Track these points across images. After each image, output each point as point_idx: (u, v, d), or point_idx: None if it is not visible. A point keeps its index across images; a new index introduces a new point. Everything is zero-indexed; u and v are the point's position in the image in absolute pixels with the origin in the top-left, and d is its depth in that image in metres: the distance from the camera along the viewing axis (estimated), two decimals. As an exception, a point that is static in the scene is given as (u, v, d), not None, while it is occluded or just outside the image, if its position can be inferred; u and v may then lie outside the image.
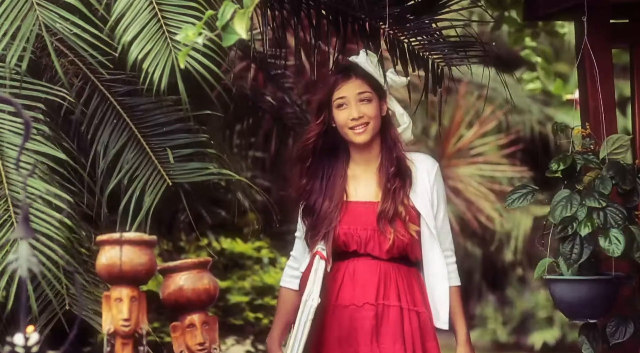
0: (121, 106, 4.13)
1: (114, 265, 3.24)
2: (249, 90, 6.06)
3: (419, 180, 3.95)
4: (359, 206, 3.95)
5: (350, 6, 4.66)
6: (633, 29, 4.50)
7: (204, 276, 3.40)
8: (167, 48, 3.73)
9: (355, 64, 4.00)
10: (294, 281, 4.05)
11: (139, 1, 3.79)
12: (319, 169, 3.99)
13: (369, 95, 3.96)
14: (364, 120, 3.93)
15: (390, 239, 3.88)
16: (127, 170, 4.05)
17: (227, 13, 3.11)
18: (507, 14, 5.96)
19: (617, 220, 3.80)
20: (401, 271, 3.93)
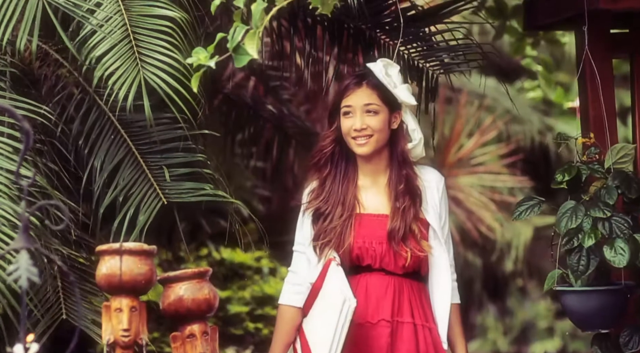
0: (119, 121, 4.13)
1: (114, 275, 3.24)
2: (249, 99, 6.06)
3: (429, 195, 3.86)
4: (372, 219, 3.85)
5: (348, 16, 4.67)
6: (633, 39, 4.50)
7: (204, 286, 3.39)
8: (135, 67, 3.74)
9: (370, 72, 3.86)
10: (295, 298, 3.88)
11: (114, 19, 3.81)
12: (332, 176, 3.87)
13: (376, 107, 3.84)
14: (367, 132, 3.82)
15: (407, 257, 3.78)
16: (123, 187, 4.03)
17: (237, 34, 3.12)
18: (508, 23, 5.96)
19: (623, 230, 3.79)
20: (413, 286, 3.85)
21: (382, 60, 3.87)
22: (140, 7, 3.88)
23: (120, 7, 3.84)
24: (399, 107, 3.86)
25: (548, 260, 3.88)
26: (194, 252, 7.09)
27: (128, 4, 3.87)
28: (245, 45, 3.13)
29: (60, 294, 3.97)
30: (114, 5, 3.85)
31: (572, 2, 4.27)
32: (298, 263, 3.91)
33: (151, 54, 3.80)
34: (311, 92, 7.14)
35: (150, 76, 3.77)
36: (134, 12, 3.86)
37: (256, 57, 3.15)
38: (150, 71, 3.78)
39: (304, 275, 3.87)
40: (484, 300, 10.93)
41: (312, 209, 3.86)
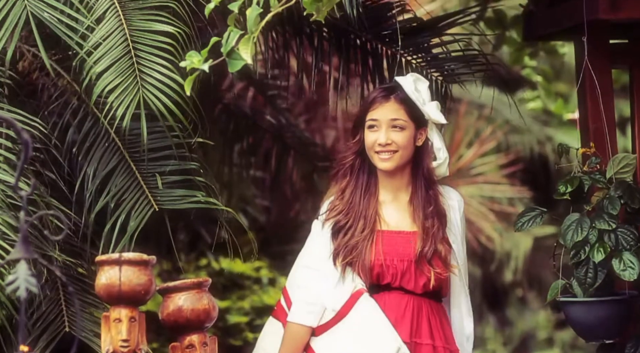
0: (113, 129, 4.13)
1: (113, 285, 3.24)
2: (248, 109, 6.06)
3: (452, 215, 3.76)
4: (394, 235, 3.71)
5: (351, 26, 4.67)
6: (632, 50, 4.51)
7: (203, 297, 3.39)
8: (135, 85, 3.74)
9: (398, 86, 3.73)
10: (309, 317, 3.68)
11: (115, 35, 3.82)
12: (353, 188, 3.73)
13: (402, 123, 3.70)
14: (391, 147, 3.68)
15: (431, 277, 3.66)
16: (115, 193, 4.03)
17: (232, 39, 3.11)
18: (507, 33, 5.97)
19: (629, 242, 3.78)
20: (432, 307, 3.71)
21: (411, 75, 3.75)
22: (141, 22, 3.87)
23: (122, 22, 3.84)
24: (426, 123, 3.74)
25: (548, 270, 3.86)
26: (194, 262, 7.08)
27: (129, 19, 3.87)
28: (240, 50, 3.12)
29: (62, 306, 3.97)
30: (116, 20, 3.85)
31: (571, 12, 4.27)
32: (311, 280, 3.70)
33: (151, 73, 3.79)
34: (311, 103, 7.14)
35: (149, 94, 3.76)
36: (135, 28, 3.86)
37: (250, 63, 3.14)
38: (149, 89, 3.77)
39: (317, 293, 3.68)
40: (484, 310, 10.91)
41: (332, 222, 3.71)
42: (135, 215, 3.96)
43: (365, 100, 3.79)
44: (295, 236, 7.98)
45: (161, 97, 3.76)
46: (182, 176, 4.05)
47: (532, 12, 4.65)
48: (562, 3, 4.45)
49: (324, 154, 6.60)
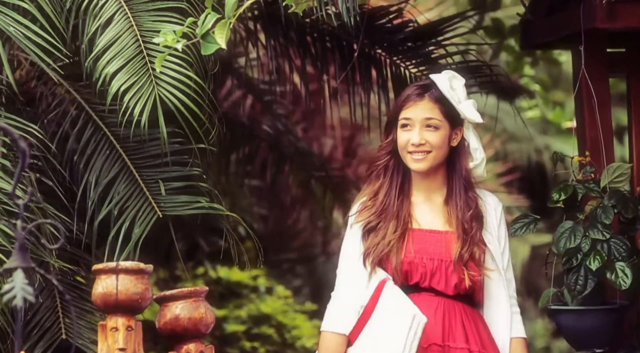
0: (115, 136, 4.13)
1: (110, 294, 3.23)
2: (245, 118, 6.07)
3: (488, 219, 3.62)
4: (425, 234, 3.59)
5: (348, 34, 4.68)
6: (630, 58, 4.51)
7: (201, 305, 3.38)
8: (150, 83, 3.73)
9: (433, 84, 3.58)
10: (342, 323, 3.52)
11: (125, 37, 3.82)
12: (387, 189, 3.60)
13: (437, 122, 3.56)
14: (425, 148, 3.55)
15: (465, 279, 3.51)
16: (118, 201, 4.02)
17: (208, 22, 3.11)
18: (505, 42, 5.98)
19: (622, 252, 3.80)
20: (466, 310, 3.55)
21: (447, 72, 3.61)
22: (151, 23, 3.87)
23: (131, 24, 3.84)
24: (461, 123, 3.60)
25: (545, 278, 3.86)
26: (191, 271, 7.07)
27: (139, 21, 3.87)
28: (215, 34, 3.11)
29: (59, 314, 3.96)
30: (125, 22, 3.85)
31: (568, 21, 4.28)
32: (341, 286, 3.56)
33: (165, 71, 3.78)
34: (308, 111, 7.14)
35: (164, 92, 3.74)
36: (145, 29, 3.86)
37: (224, 47, 3.12)
38: (164, 87, 3.75)
39: (348, 299, 3.53)
40: (481, 319, 10.86)
41: (363, 223, 3.58)
42: (139, 222, 3.96)
43: (399, 98, 3.64)
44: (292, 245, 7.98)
45: (177, 93, 3.74)
46: (185, 183, 4.05)
47: (530, 21, 4.65)
48: (560, 12, 4.45)
49: (321, 163, 6.60)
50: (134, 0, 3.89)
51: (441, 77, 3.58)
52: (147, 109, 3.68)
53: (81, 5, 3.91)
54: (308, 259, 7.96)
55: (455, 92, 3.57)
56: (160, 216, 3.95)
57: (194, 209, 3.98)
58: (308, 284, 7.95)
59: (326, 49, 4.84)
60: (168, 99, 3.72)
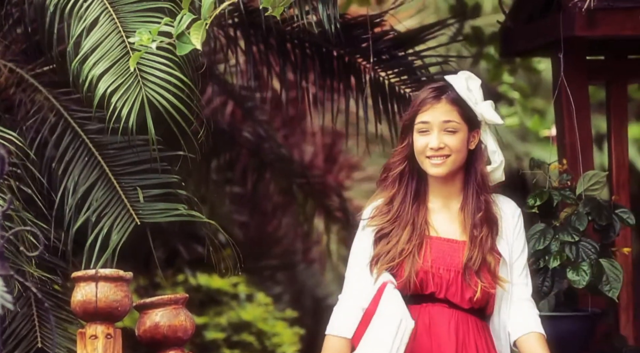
0: (93, 143, 4.12)
1: (90, 302, 3.22)
2: (226, 125, 6.06)
3: (504, 225, 3.48)
4: (442, 243, 3.46)
5: (328, 42, 4.68)
6: (609, 66, 4.54)
7: (180, 313, 3.38)
8: (137, 84, 3.72)
9: (449, 85, 3.47)
10: (345, 327, 3.43)
11: (111, 38, 3.81)
12: (402, 196, 3.47)
13: (456, 125, 3.44)
14: (444, 152, 3.42)
15: (478, 290, 3.39)
16: (96, 208, 4.01)
17: (184, 22, 3.10)
18: (484, 50, 6.00)
19: (589, 254, 3.83)
20: (478, 325, 3.44)
21: (463, 73, 3.50)
22: (136, 24, 3.86)
23: (117, 25, 3.83)
24: (479, 125, 3.48)
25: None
26: (171, 278, 7.05)
27: (124, 22, 3.85)
28: (191, 34, 3.10)
29: (35, 322, 3.94)
30: (110, 24, 3.84)
31: (548, 29, 4.30)
32: (350, 286, 3.47)
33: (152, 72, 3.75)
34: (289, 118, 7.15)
35: (151, 92, 3.72)
36: (131, 29, 3.85)
37: (198, 48, 3.11)
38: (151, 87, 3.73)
39: (352, 303, 3.45)
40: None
41: (376, 228, 3.47)
42: (117, 229, 3.94)
43: (414, 102, 3.50)
44: (273, 252, 7.97)
45: (166, 94, 3.72)
46: (164, 190, 4.04)
47: (510, 28, 4.68)
48: (539, 20, 4.48)
49: (302, 170, 6.60)
50: (119, 2, 3.88)
51: (457, 78, 3.47)
52: (134, 111, 3.66)
53: (65, 9, 3.90)
54: (289, 266, 7.96)
55: (472, 93, 3.47)
56: (138, 224, 3.94)
57: (173, 217, 3.96)
58: (288, 291, 7.95)
59: (306, 56, 4.85)
60: (156, 100, 3.70)
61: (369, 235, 3.49)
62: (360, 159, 7.84)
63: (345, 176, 7.99)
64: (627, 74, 4.60)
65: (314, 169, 7.41)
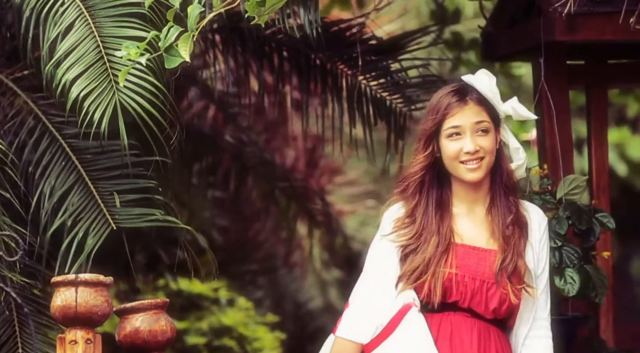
0: (71, 148, 4.11)
1: (69, 307, 3.21)
2: (207, 129, 6.06)
3: (531, 234, 3.35)
4: (468, 250, 3.33)
5: (310, 47, 4.69)
6: (589, 71, 4.56)
7: (161, 318, 3.37)
8: (110, 89, 3.71)
9: (468, 85, 3.36)
10: (359, 333, 3.30)
11: (86, 43, 3.80)
12: (424, 207, 3.34)
13: (487, 125, 3.32)
14: (479, 154, 3.29)
15: (509, 297, 3.25)
16: (72, 212, 4.00)
17: (171, 35, 3.09)
18: (464, 55, 6.02)
19: (573, 260, 3.84)
20: (500, 337, 3.32)
21: (482, 71, 3.39)
22: (112, 29, 3.86)
23: (92, 30, 3.82)
24: (500, 124, 3.39)
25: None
26: (152, 283, 7.04)
27: (99, 27, 3.85)
28: (179, 47, 3.10)
29: (15, 328, 3.92)
30: (86, 28, 3.83)
31: (529, 34, 4.31)
32: (370, 293, 3.34)
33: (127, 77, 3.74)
34: (270, 122, 7.15)
35: (125, 97, 3.72)
36: (106, 34, 3.84)
37: (187, 60, 3.11)
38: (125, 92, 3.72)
39: (370, 310, 3.32)
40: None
41: (401, 245, 3.33)
42: (93, 234, 3.93)
43: (435, 107, 3.34)
44: (254, 257, 7.96)
45: (138, 99, 3.72)
46: (141, 195, 4.03)
47: (490, 33, 4.69)
48: (520, 25, 4.49)
49: (284, 174, 6.60)
50: (94, 7, 3.88)
51: (479, 77, 3.36)
52: (107, 115, 3.66)
53: (41, 13, 3.89)
54: (270, 270, 7.95)
55: (494, 91, 3.38)
56: (114, 228, 3.93)
57: (149, 222, 3.95)
58: (270, 296, 7.94)
59: (287, 60, 4.85)
60: (129, 105, 3.70)
61: (393, 251, 3.34)
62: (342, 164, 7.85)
63: (327, 181, 7.99)
64: (608, 79, 4.62)
65: (295, 173, 7.42)
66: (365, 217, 8.18)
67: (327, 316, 8.02)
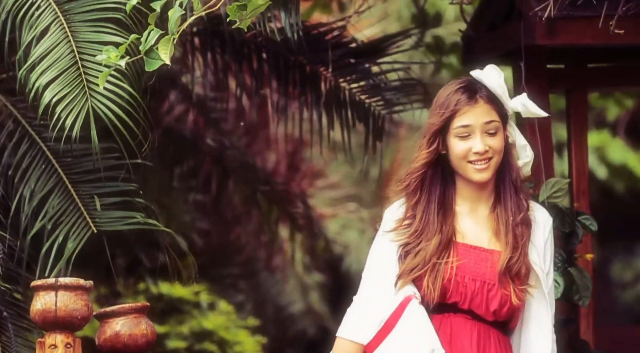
0: (51, 151, 4.10)
1: (49, 311, 3.20)
2: (188, 132, 6.05)
3: (536, 233, 3.27)
4: (469, 250, 3.25)
5: (290, 50, 4.69)
6: (569, 74, 4.58)
7: (141, 322, 3.36)
8: (84, 95, 3.71)
9: (476, 82, 3.26)
10: (360, 333, 3.24)
11: (60, 47, 3.80)
12: (425, 204, 3.25)
13: (497, 125, 3.22)
14: (488, 155, 3.21)
15: (511, 299, 3.18)
16: (52, 215, 3.99)
17: (151, 38, 3.09)
18: (446, 58, 6.04)
19: (557, 263, 3.85)
20: (500, 340, 3.25)
21: (491, 66, 3.29)
22: (87, 34, 3.85)
23: (67, 34, 3.82)
24: (507, 121, 3.30)
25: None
26: (132, 287, 7.02)
27: (75, 31, 3.84)
28: (159, 50, 3.10)
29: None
30: (61, 33, 3.83)
31: (509, 38, 4.33)
32: (370, 292, 3.26)
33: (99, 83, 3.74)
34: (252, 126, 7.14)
35: (98, 103, 3.71)
36: (81, 39, 3.84)
37: (168, 63, 3.10)
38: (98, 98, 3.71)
39: (371, 308, 3.25)
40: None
41: (401, 243, 3.26)
42: (73, 237, 3.92)
43: (443, 103, 3.23)
44: (235, 260, 7.95)
45: (111, 106, 3.71)
46: (121, 198, 4.02)
47: (471, 37, 4.70)
48: (501, 29, 4.51)
49: (265, 177, 6.60)
50: (70, 11, 3.87)
51: (489, 73, 3.28)
52: (79, 121, 3.66)
53: (17, 17, 3.88)
54: (251, 274, 7.94)
55: (504, 88, 3.28)
56: (95, 232, 3.92)
57: (130, 225, 3.94)
58: (251, 299, 7.93)
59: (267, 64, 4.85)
60: (102, 112, 3.70)
61: (394, 249, 3.26)
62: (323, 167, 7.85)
63: (308, 184, 7.99)
64: (587, 83, 4.64)
65: (277, 176, 7.42)
66: (346, 220, 8.18)
67: (309, 320, 8.02)
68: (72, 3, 3.89)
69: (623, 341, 4.91)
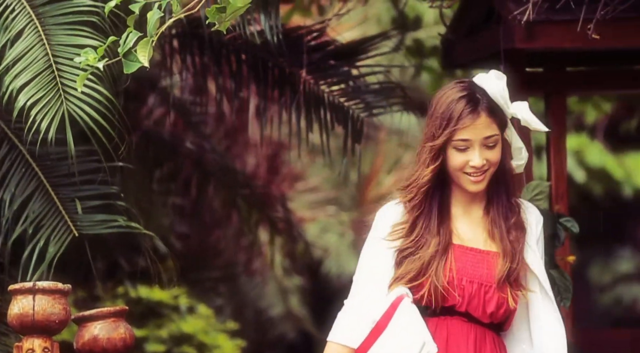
0: (31, 154, 4.08)
1: (27, 315, 3.18)
2: (168, 135, 6.04)
3: (529, 234, 3.25)
4: (465, 251, 3.22)
5: (269, 53, 4.69)
6: (548, 78, 4.60)
7: (120, 325, 3.35)
8: (58, 98, 3.70)
9: (479, 90, 3.19)
10: (350, 336, 3.20)
11: (35, 50, 3.78)
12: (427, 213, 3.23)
13: (496, 138, 3.18)
14: (484, 168, 3.18)
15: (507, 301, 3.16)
16: (33, 219, 3.97)
17: (130, 40, 3.09)
18: (426, 61, 6.05)
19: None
20: (496, 342, 3.22)
21: (493, 72, 3.23)
22: (62, 37, 3.84)
23: (41, 37, 3.80)
24: (506, 127, 3.25)
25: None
26: (111, 290, 7.00)
27: (49, 34, 3.83)
28: (138, 52, 3.09)
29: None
30: (35, 36, 3.81)
31: (489, 41, 4.35)
32: (361, 294, 3.22)
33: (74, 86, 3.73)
34: (231, 129, 7.14)
35: (73, 107, 3.70)
36: (56, 42, 3.83)
37: (146, 66, 3.10)
38: (73, 102, 3.71)
39: (361, 311, 3.22)
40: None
41: (397, 247, 3.22)
42: (55, 241, 3.91)
43: (444, 114, 3.17)
44: (215, 264, 7.94)
45: (86, 109, 3.70)
46: (102, 201, 4.01)
47: (451, 40, 4.72)
48: (480, 32, 4.52)
49: (245, 180, 6.59)
50: (45, 14, 3.86)
51: (491, 80, 3.21)
52: (54, 124, 3.65)
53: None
54: (230, 278, 7.94)
55: (504, 95, 3.22)
56: (76, 235, 3.91)
57: (111, 228, 3.93)
58: (230, 303, 7.92)
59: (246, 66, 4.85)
60: (77, 115, 3.69)
61: (389, 254, 3.23)
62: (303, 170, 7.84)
63: (288, 187, 7.99)
64: (566, 86, 4.66)
65: (256, 179, 7.41)
66: (325, 224, 8.18)
67: (288, 323, 8.02)
68: (47, 6, 3.88)
69: (601, 344, 4.94)
